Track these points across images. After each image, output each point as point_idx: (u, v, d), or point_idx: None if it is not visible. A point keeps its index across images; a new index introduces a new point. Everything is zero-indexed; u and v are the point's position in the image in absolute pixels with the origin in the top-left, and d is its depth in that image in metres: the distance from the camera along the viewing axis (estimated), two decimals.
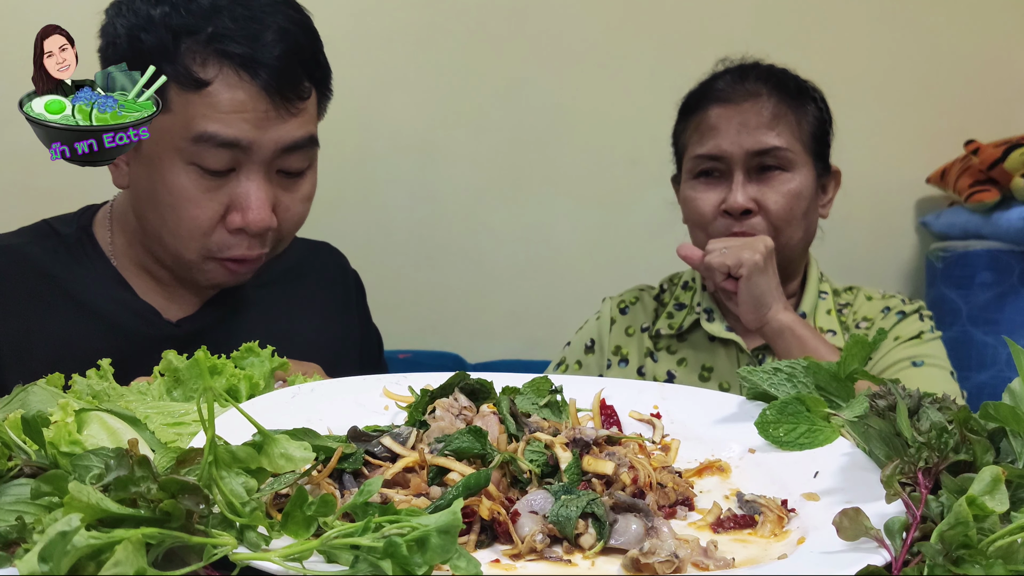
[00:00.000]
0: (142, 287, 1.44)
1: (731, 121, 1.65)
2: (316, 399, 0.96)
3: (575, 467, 0.79)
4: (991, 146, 2.45)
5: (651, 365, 1.76)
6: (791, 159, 1.64)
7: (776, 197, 1.63)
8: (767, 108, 1.65)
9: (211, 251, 1.33)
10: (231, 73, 1.26)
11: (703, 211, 1.67)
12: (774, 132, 1.63)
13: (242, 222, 1.30)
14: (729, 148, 1.63)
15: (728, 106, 1.66)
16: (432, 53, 2.49)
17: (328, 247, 1.69)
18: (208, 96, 1.25)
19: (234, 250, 1.33)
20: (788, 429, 0.89)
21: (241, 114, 1.26)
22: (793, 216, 1.64)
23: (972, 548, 0.62)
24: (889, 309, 1.73)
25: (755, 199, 1.62)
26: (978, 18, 2.65)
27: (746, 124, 1.64)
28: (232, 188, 1.30)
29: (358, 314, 1.67)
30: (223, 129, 1.26)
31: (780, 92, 1.66)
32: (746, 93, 1.66)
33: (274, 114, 1.28)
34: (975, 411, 0.78)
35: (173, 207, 1.30)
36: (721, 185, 1.65)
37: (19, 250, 1.42)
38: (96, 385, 0.97)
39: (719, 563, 0.69)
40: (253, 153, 1.29)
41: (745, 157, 1.63)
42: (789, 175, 1.64)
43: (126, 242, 1.45)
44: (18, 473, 0.72)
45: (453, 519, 0.58)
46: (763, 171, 1.64)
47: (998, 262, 2.45)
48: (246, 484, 0.65)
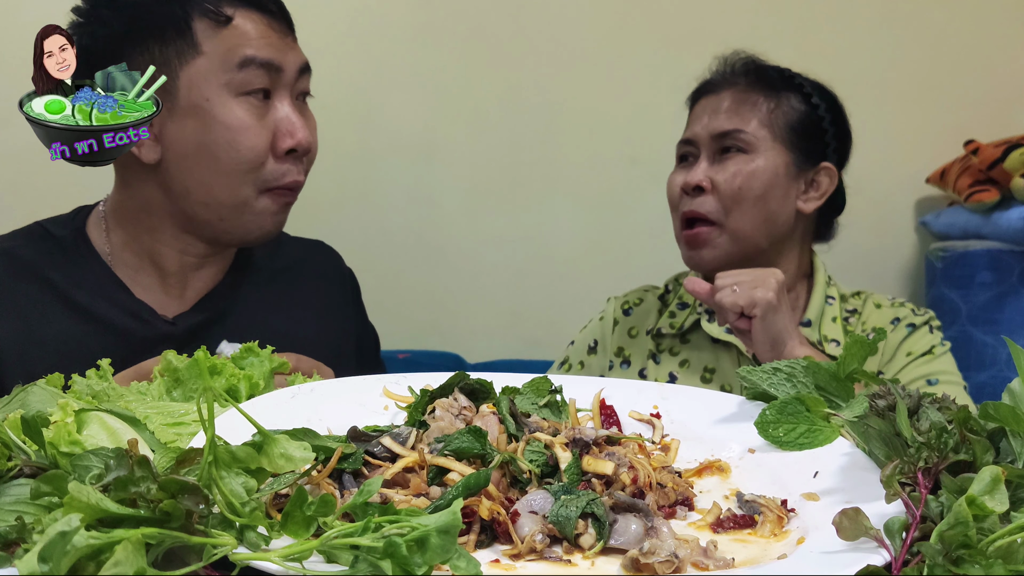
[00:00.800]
0: (138, 286, 1.44)
1: (706, 108, 1.72)
2: (316, 399, 0.96)
3: (575, 467, 0.79)
4: (991, 146, 2.44)
5: (653, 367, 1.76)
6: (751, 142, 1.67)
7: (728, 176, 1.66)
8: (740, 95, 1.70)
9: (267, 181, 1.39)
10: (243, 7, 1.38)
11: (673, 192, 1.73)
12: (738, 116, 1.68)
13: (292, 142, 1.38)
14: (699, 132, 1.70)
15: (710, 95, 1.73)
16: (431, 53, 2.49)
17: (322, 245, 1.70)
18: (236, 28, 1.36)
19: (289, 175, 1.40)
20: (788, 429, 0.89)
21: (266, 39, 1.38)
22: (743, 196, 1.65)
23: (972, 548, 0.62)
24: (899, 320, 1.72)
25: (710, 177, 1.67)
26: (978, 18, 2.65)
27: (717, 109, 1.70)
28: (272, 115, 1.38)
29: (354, 312, 1.68)
30: (260, 52, 1.36)
31: (758, 81, 1.71)
32: (726, 83, 1.73)
33: (287, 39, 1.41)
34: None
35: (231, 143, 1.35)
36: (691, 168, 1.71)
37: (13, 253, 1.42)
38: (96, 385, 0.97)
39: (719, 563, 0.69)
40: (283, 74, 1.39)
41: (709, 140, 1.68)
42: (747, 156, 1.67)
43: (123, 239, 1.45)
44: (18, 473, 0.72)
45: (453, 519, 0.58)
46: (724, 152, 1.68)
47: (998, 262, 2.45)
48: (246, 484, 0.65)
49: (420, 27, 2.48)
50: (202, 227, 1.42)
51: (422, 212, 2.52)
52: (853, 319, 1.75)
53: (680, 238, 1.72)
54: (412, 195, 2.51)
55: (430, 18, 2.48)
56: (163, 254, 1.44)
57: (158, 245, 1.44)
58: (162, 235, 1.43)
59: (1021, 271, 2.43)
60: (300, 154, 1.40)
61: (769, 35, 2.46)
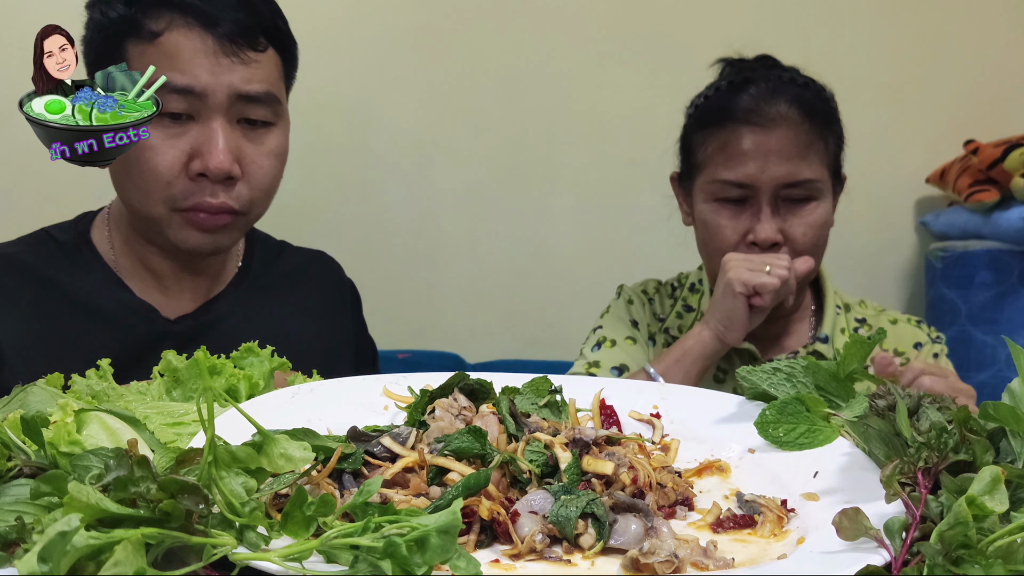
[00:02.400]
0: (140, 286, 1.46)
1: (761, 148, 1.57)
2: (316, 399, 0.96)
3: (575, 467, 0.79)
4: (991, 146, 2.45)
5: None
6: (820, 189, 1.59)
7: (804, 229, 1.58)
8: (800, 137, 1.58)
9: (175, 200, 1.36)
10: (181, 23, 1.32)
11: (728, 240, 1.60)
12: (806, 163, 1.57)
13: (202, 166, 1.34)
14: (759, 177, 1.56)
15: (758, 130, 1.58)
16: (431, 53, 2.49)
17: (324, 256, 1.71)
18: (161, 46, 1.32)
19: (196, 196, 1.35)
20: (788, 429, 0.89)
21: (193, 60, 1.32)
22: (817, 247, 1.60)
23: (972, 548, 0.62)
24: (921, 345, 1.70)
25: (781, 230, 1.57)
26: (978, 18, 2.65)
27: (779, 153, 1.56)
28: (193, 136, 1.34)
29: (353, 322, 1.69)
30: (176, 76, 1.31)
31: (812, 118, 1.60)
32: (778, 117, 1.58)
33: (225, 60, 1.33)
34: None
35: (137, 159, 1.33)
36: (745, 213, 1.59)
37: (16, 257, 1.44)
38: (96, 385, 0.97)
39: (719, 563, 0.69)
40: (208, 99, 1.33)
41: (775, 188, 1.56)
42: (815, 204, 1.59)
43: (123, 241, 1.47)
44: (18, 473, 0.72)
45: (453, 519, 0.58)
46: (789, 201, 1.58)
47: (998, 262, 2.45)
48: (246, 484, 0.65)
49: (420, 27, 2.48)
50: (143, 233, 1.44)
51: (422, 212, 2.52)
52: (863, 330, 1.72)
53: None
54: (412, 195, 2.51)
55: (430, 19, 2.48)
56: (150, 258, 1.47)
57: (142, 250, 1.46)
58: (141, 239, 1.46)
59: (1021, 271, 2.43)
60: (214, 179, 1.34)
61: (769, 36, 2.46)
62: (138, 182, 1.36)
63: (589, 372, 1.66)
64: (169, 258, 1.46)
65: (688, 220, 1.75)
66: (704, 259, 1.71)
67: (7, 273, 1.42)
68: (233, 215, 1.39)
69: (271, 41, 1.39)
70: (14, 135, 1.61)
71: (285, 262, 1.62)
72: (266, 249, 1.62)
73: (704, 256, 1.70)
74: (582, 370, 1.68)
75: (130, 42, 1.33)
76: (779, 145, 1.56)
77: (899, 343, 1.71)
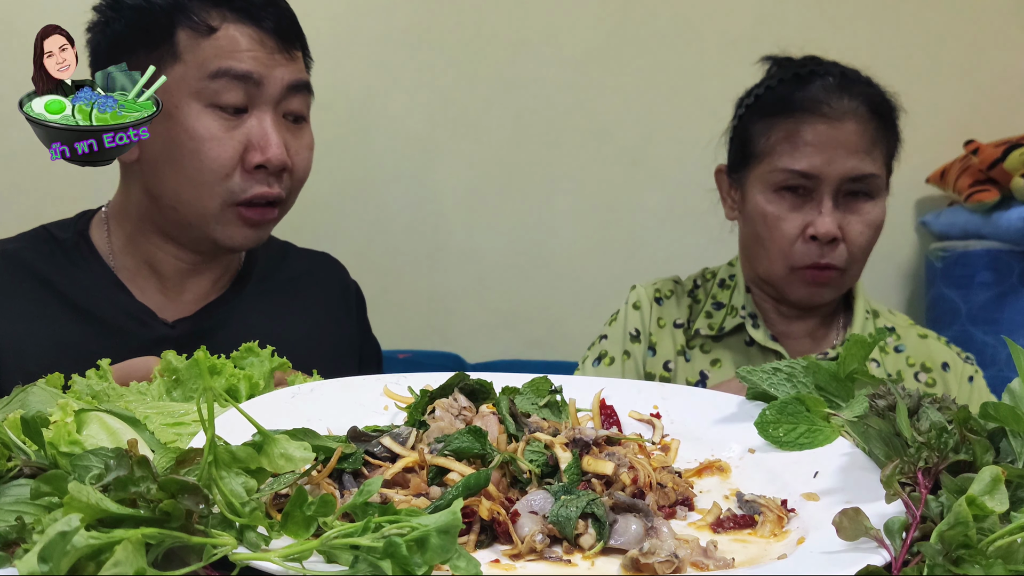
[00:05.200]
0: (139, 289, 1.45)
1: (830, 140, 1.55)
2: (316, 399, 0.96)
3: (575, 467, 0.79)
4: (991, 146, 2.45)
5: (682, 364, 1.68)
6: (880, 186, 1.59)
7: (861, 228, 1.57)
8: (868, 131, 1.57)
9: (233, 193, 1.37)
10: (235, 19, 1.37)
11: (787, 232, 1.57)
12: (870, 158, 1.56)
13: (262, 158, 1.37)
14: (825, 169, 1.54)
15: (827, 121, 1.56)
16: (432, 53, 2.49)
17: (328, 257, 1.71)
18: (219, 39, 1.36)
19: (255, 188, 1.38)
20: (788, 429, 0.89)
21: (250, 52, 1.36)
22: (870, 246, 1.59)
23: (972, 548, 0.62)
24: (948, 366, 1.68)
25: (841, 227, 1.56)
26: (978, 18, 2.65)
27: (846, 146, 1.55)
28: (248, 128, 1.37)
29: (357, 324, 1.68)
30: (237, 64, 1.35)
31: (879, 115, 1.59)
32: (847, 111, 1.57)
33: (278, 55, 1.39)
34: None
35: (195, 152, 1.35)
36: (806, 205, 1.57)
37: (15, 255, 1.44)
38: (95, 385, 0.97)
39: (719, 563, 0.69)
40: (264, 90, 1.37)
41: (839, 181, 1.55)
42: (873, 203, 1.58)
43: (125, 241, 1.46)
44: (18, 473, 0.72)
45: (453, 519, 0.58)
46: (849, 196, 1.57)
47: (998, 262, 2.45)
48: (246, 484, 0.65)
49: (421, 28, 2.48)
50: (176, 232, 1.43)
51: (422, 212, 2.52)
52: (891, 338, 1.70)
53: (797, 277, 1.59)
54: (412, 195, 2.51)
55: (431, 19, 2.48)
56: (158, 258, 1.45)
57: (152, 248, 1.45)
58: (154, 238, 1.45)
59: (1021, 271, 2.43)
60: (272, 171, 1.38)
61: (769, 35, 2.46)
62: (193, 175, 1.36)
63: None
64: (179, 258, 1.45)
65: (733, 215, 1.71)
66: (752, 251, 1.66)
67: (6, 271, 1.42)
68: (277, 208, 1.42)
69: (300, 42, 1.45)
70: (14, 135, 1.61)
71: (288, 264, 1.62)
72: (269, 251, 1.61)
73: (753, 248, 1.65)
74: None
75: (181, 32, 1.35)
76: (847, 138, 1.55)
77: (928, 359, 1.69)
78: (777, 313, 1.69)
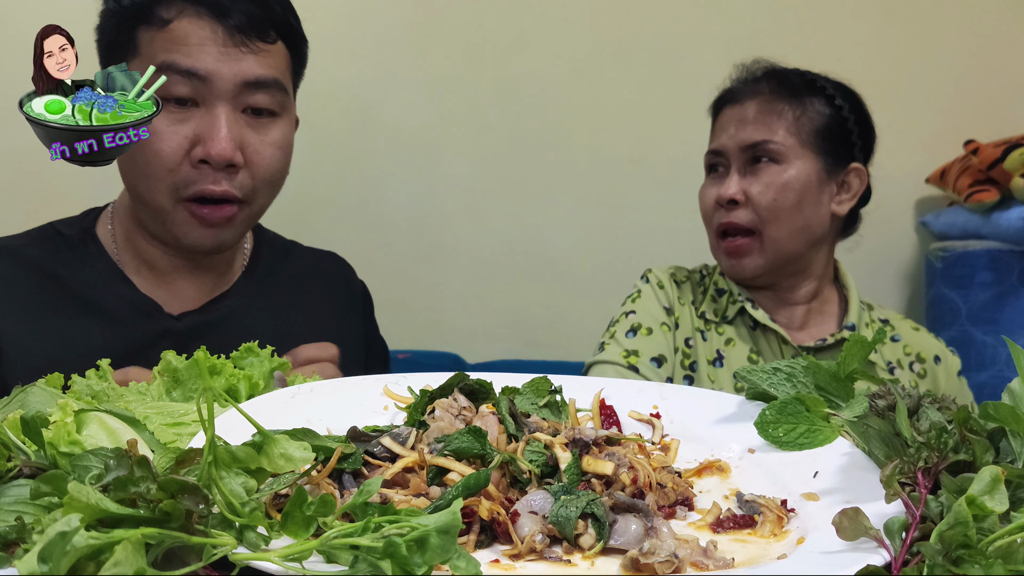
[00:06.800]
0: (143, 282, 1.46)
1: (732, 118, 1.73)
2: (316, 399, 0.96)
3: (575, 467, 0.79)
4: (991, 146, 2.45)
5: (701, 344, 1.76)
6: (782, 152, 1.69)
7: (761, 188, 1.68)
8: (762, 103, 1.71)
9: (178, 188, 1.35)
10: (193, 13, 1.34)
11: (706, 205, 1.76)
12: (765, 126, 1.70)
13: (203, 152, 1.33)
14: (727, 143, 1.72)
15: (734, 105, 1.74)
16: (432, 53, 2.49)
17: (335, 256, 1.70)
18: (170, 32, 1.33)
19: (199, 184, 1.35)
20: (788, 429, 0.89)
21: (201, 46, 1.33)
22: (778, 206, 1.68)
23: (972, 548, 0.62)
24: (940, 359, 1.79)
25: (744, 190, 1.69)
26: (978, 18, 2.65)
27: (743, 120, 1.71)
28: (197, 122, 1.34)
29: (363, 324, 1.67)
30: (182, 59, 1.32)
31: (781, 88, 1.72)
32: (749, 92, 1.74)
33: (234, 49, 1.34)
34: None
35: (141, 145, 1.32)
36: (723, 180, 1.72)
37: (20, 251, 1.44)
38: (95, 385, 0.97)
39: (719, 563, 0.69)
40: (214, 85, 1.33)
41: (738, 151, 1.71)
42: (779, 167, 1.69)
43: (125, 236, 1.47)
44: (18, 473, 0.72)
45: (453, 519, 0.58)
46: (755, 163, 1.70)
47: (998, 262, 2.45)
48: (246, 484, 0.65)
49: (420, 28, 2.48)
50: (147, 227, 1.44)
51: (422, 212, 2.52)
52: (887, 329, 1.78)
53: (718, 249, 1.75)
54: (412, 195, 2.51)
55: (431, 19, 2.48)
56: (150, 254, 1.46)
57: (144, 244, 1.46)
58: (143, 234, 1.46)
59: (1021, 271, 2.43)
60: (216, 166, 1.34)
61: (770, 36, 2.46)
62: (143, 168, 1.35)
63: (628, 361, 1.69)
64: (171, 255, 1.46)
65: None
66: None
67: (11, 267, 1.42)
68: (236, 206, 1.38)
69: (281, 35, 1.40)
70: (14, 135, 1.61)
71: (294, 263, 1.61)
72: (274, 249, 1.61)
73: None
74: (619, 358, 1.70)
75: (141, 29, 1.34)
76: (744, 114, 1.72)
77: (923, 350, 1.78)
78: (765, 299, 1.79)
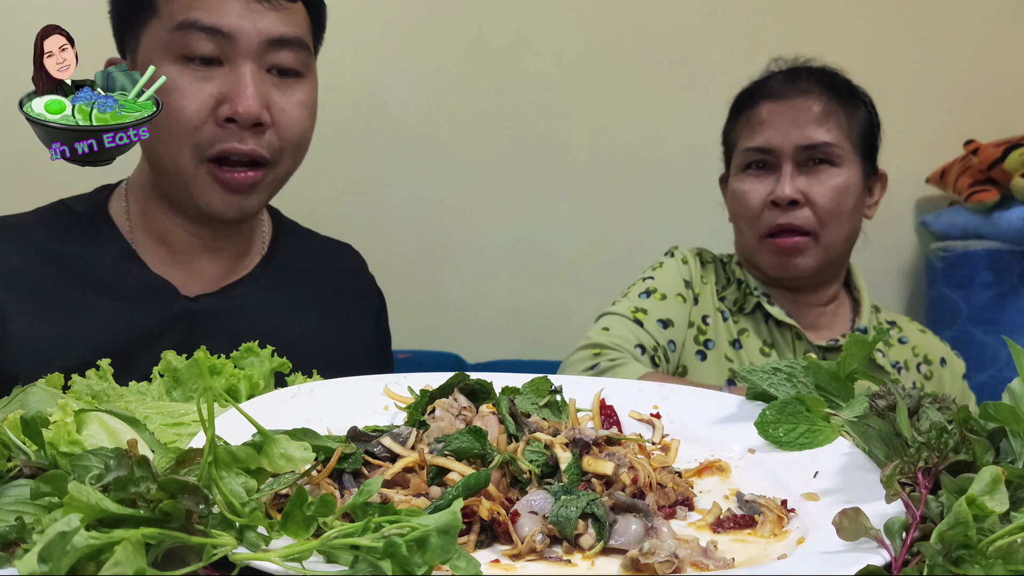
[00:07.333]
0: (158, 262, 1.43)
1: (781, 116, 1.68)
2: (316, 399, 0.96)
3: (575, 467, 0.79)
4: (991, 146, 2.45)
5: (720, 324, 1.75)
6: (840, 155, 1.67)
7: (823, 190, 1.66)
8: (818, 104, 1.68)
9: (202, 148, 1.33)
10: None
11: (752, 203, 1.70)
12: (823, 128, 1.67)
13: (231, 111, 1.31)
14: (779, 141, 1.67)
15: (779, 102, 1.70)
16: (433, 52, 2.49)
17: (351, 250, 1.68)
18: None
19: (224, 142, 1.32)
20: (788, 429, 0.89)
21: (222, 3, 1.30)
22: (840, 211, 1.67)
23: (972, 548, 0.62)
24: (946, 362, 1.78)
25: (803, 191, 1.66)
26: (979, 18, 2.65)
27: (796, 119, 1.67)
28: (222, 80, 1.32)
29: (375, 324, 1.65)
30: (205, 16, 1.30)
31: (831, 90, 1.70)
32: (797, 90, 1.70)
33: (256, 5, 1.32)
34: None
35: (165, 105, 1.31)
36: (769, 177, 1.69)
37: (27, 230, 1.41)
38: (95, 385, 0.97)
39: (719, 563, 0.69)
40: (238, 42, 1.31)
41: (794, 151, 1.66)
42: (837, 170, 1.67)
43: (140, 213, 1.44)
44: (18, 473, 0.72)
45: (453, 519, 0.58)
46: (811, 165, 1.67)
47: (998, 262, 2.45)
48: (246, 484, 0.65)
49: (422, 27, 2.48)
50: (170, 198, 1.40)
51: (423, 211, 2.52)
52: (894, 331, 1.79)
53: (766, 246, 1.70)
54: (413, 194, 2.51)
55: (432, 18, 2.48)
56: (169, 230, 1.43)
57: (163, 219, 1.43)
58: (163, 208, 1.43)
59: (1021, 271, 2.43)
60: (243, 124, 1.32)
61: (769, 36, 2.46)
62: (164, 129, 1.31)
63: (635, 316, 1.69)
64: (190, 231, 1.42)
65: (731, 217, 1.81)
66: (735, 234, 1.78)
67: (17, 247, 1.39)
68: (260, 171, 1.36)
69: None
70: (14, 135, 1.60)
71: (312, 254, 1.58)
72: (293, 237, 1.58)
73: (735, 230, 1.78)
74: (626, 311, 1.70)
75: None
76: (797, 112, 1.67)
77: (929, 352, 1.78)
78: (782, 297, 1.77)
